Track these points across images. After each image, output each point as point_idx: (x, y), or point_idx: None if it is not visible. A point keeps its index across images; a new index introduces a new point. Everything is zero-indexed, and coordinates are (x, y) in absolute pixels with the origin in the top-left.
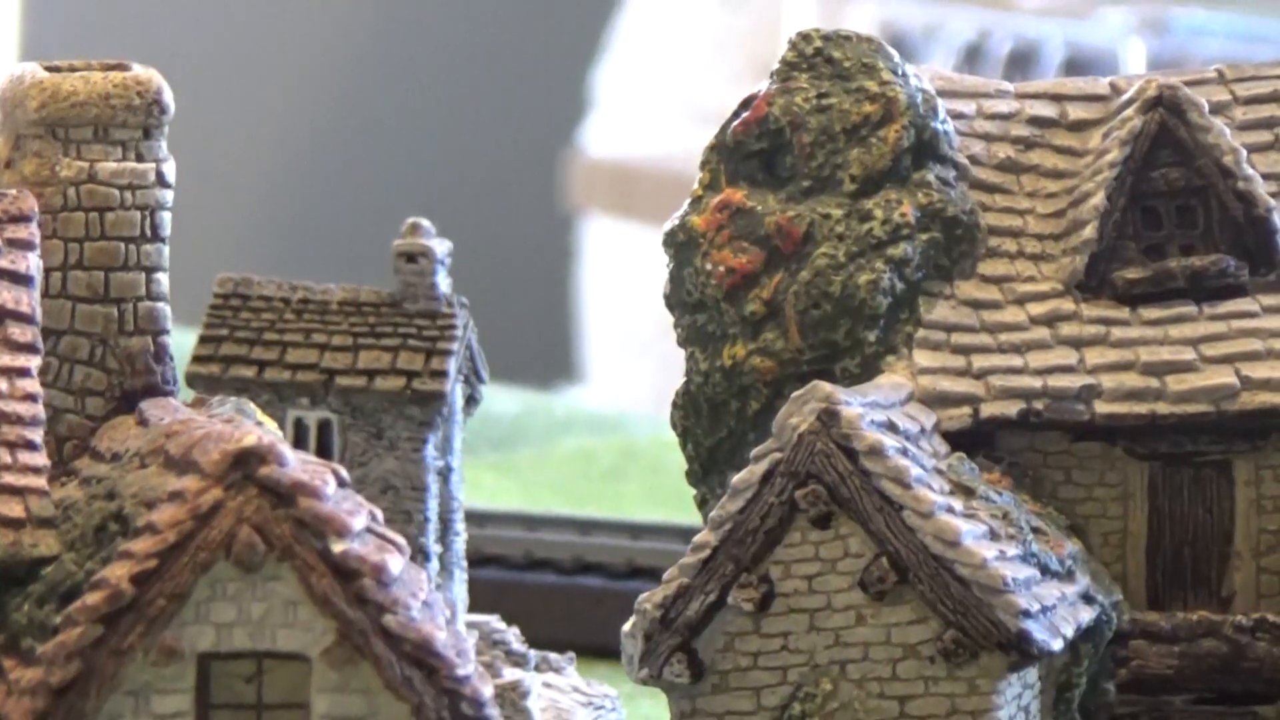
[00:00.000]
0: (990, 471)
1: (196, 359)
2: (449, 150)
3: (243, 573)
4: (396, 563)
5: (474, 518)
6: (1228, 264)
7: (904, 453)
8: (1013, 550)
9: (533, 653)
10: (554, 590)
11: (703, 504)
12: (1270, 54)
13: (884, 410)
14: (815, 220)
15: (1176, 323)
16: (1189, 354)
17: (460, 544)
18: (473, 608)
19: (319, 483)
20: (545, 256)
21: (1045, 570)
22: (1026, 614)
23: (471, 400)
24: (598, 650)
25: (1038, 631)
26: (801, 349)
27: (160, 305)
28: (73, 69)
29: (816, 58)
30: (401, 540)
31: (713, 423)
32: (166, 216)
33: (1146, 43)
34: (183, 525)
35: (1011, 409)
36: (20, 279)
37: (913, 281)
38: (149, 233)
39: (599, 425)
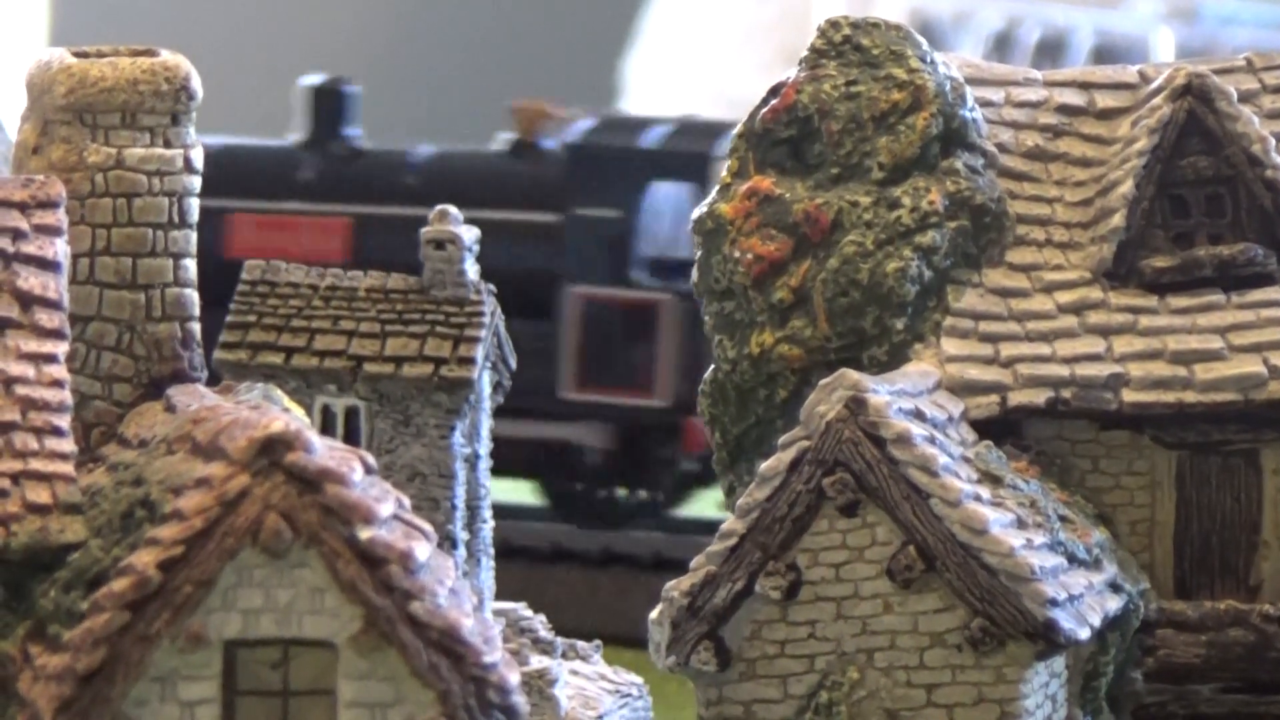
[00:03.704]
0: (1018, 460)
1: (224, 345)
2: (477, 138)
3: (269, 559)
4: (423, 550)
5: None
6: (1256, 253)
7: (931, 441)
8: (1040, 538)
9: (560, 640)
10: (581, 580)
11: (730, 492)
12: None
13: (912, 398)
14: (843, 208)
15: (1204, 311)
16: (1217, 343)
17: (488, 531)
18: (500, 596)
19: (346, 469)
20: None
21: (1072, 559)
22: (1054, 602)
23: (499, 387)
24: (624, 638)
25: (1065, 620)
26: (829, 337)
27: (188, 291)
28: (101, 55)
29: (845, 45)
30: (428, 527)
31: (740, 410)
32: (194, 202)
33: (1175, 31)
34: (209, 512)
35: (1039, 397)
36: (47, 265)
37: (941, 269)
38: (177, 219)
39: None
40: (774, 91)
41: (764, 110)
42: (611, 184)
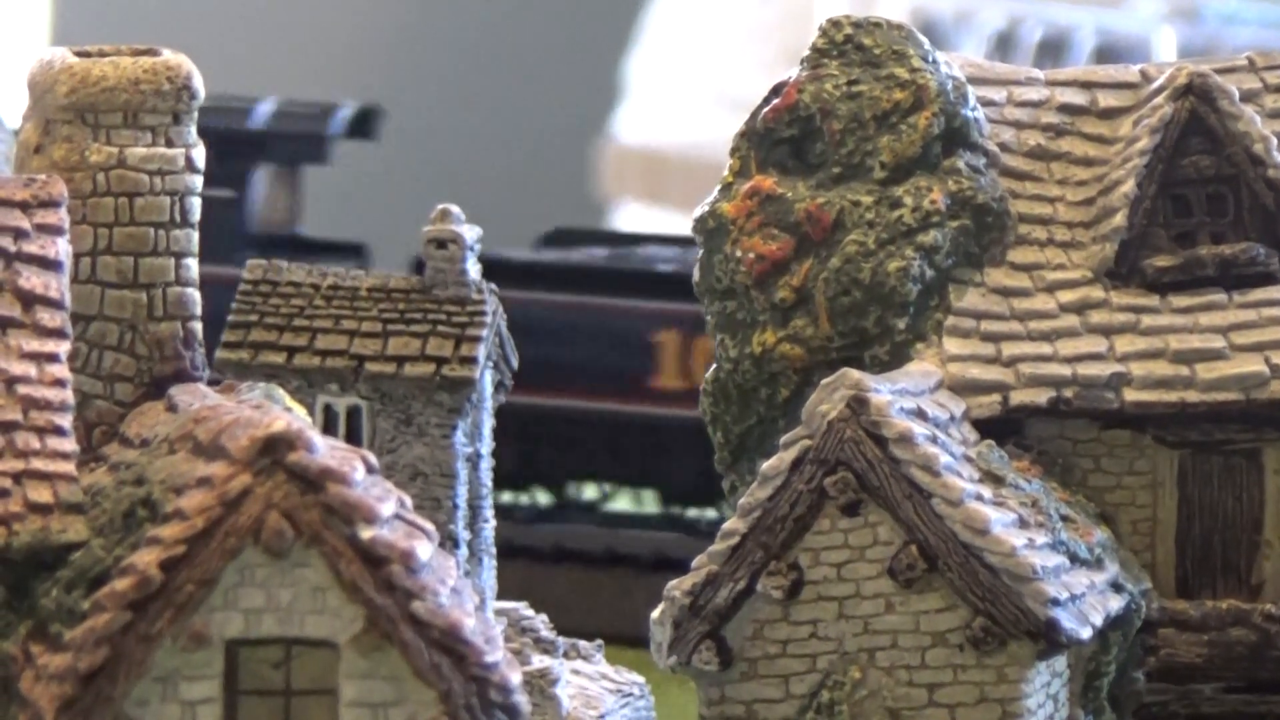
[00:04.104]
0: (1019, 459)
1: (226, 345)
2: (480, 137)
3: (271, 559)
4: (425, 549)
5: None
6: (1258, 252)
7: (933, 440)
8: (1042, 538)
9: (561, 640)
10: (583, 579)
11: (732, 491)
12: None
13: (913, 398)
14: (845, 207)
15: (1206, 310)
16: (1219, 342)
17: (489, 531)
18: (501, 595)
19: (348, 469)
20: None
21: (1074, 558)
22: (1055, 602)
23: (501, 386)
24: (626, 638)
25: (1066, 620)
26: (831, 336)
27: (190, 290)
28: (102, 54)
29: (847, 44)
30: (430, 527)
31: (742, 410)
32: (196, 202)
33: (1177, 30)
34: (211, 511)
35: (1041, 397)
36: (49, 264)
37: (942, 269)
38: (178, 218)
39: None
40: (775, 91)
41: (766, 110)
42: (222, 164)
